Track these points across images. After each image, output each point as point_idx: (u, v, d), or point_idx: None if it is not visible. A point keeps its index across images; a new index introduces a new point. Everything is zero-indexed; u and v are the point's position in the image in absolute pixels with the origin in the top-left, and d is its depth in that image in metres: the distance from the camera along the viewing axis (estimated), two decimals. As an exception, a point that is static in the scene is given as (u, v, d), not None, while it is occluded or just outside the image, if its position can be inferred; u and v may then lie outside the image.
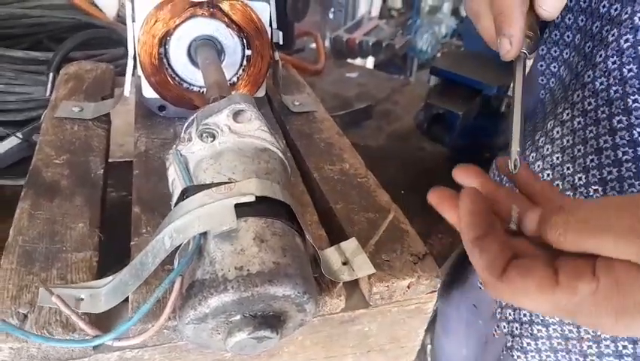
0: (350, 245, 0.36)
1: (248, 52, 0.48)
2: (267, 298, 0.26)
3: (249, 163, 0.31)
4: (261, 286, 0.25)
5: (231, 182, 0.29)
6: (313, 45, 1.13)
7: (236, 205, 0.28)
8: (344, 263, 0.35)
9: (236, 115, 0.32)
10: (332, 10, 1.75)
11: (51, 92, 0.60)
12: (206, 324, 0.27)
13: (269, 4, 0.47)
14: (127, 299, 0.33)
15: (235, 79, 0.50)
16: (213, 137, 0.31)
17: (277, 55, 0.51)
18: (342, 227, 0.40)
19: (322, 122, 0.54)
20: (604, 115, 0.36)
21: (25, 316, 0.30)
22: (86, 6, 0.77)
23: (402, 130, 0.83)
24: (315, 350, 0.37)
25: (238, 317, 0.27)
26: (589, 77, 0.37)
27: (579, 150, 0.38)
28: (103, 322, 0.31)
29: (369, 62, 1.53)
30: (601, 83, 0.36)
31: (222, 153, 0.31)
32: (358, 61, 1.27)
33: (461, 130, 0.71)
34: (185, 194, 0.29)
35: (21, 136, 0.63)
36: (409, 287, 0.35)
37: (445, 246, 0.61)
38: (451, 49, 2.15)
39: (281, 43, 0.50)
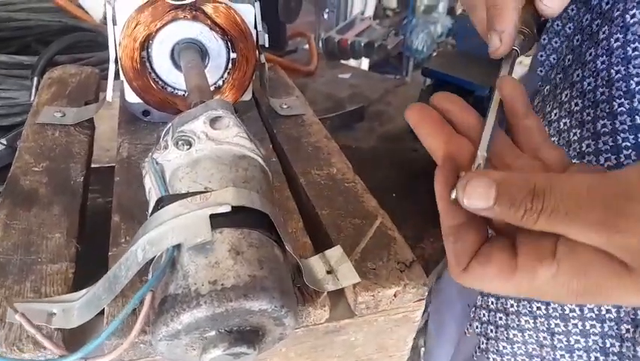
0: (335, 253, 0.35)
1: (233, 55, 0.47)
2: (243, 313, 0.25)
3: (226, 171, 0.30)
4: (235, 301, 0.24)
5: (207, 191, 0.28)
6: (306, 46, 1.12)
7: (212, 216, 0.27)
8: (328, 272, 0.34)
9: (213, 121, 0.31)
10: (326, 10, 1.75)
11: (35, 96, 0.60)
12: (180, 340, 0.26)
13: (253, 6, 0.46)
14: (102, 312, 0.32)
15: (220, 82, 0.49)
16: (189, 144, 0.30)
17: (263, 57, 0.50)
18: (328, 234, 0.39)
19: (310, 126, 0.53)
20: (589, 117, 0.35)
21: (-5, 332, 0.29)
22: (72, 8, 0.76)
23: (394, 131, 0.82)
24: (300, 362, 0.36)
25: (213, 332, 0.26)
26: (577, 76, 0.36)
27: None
28: (78, 337, 0.31)
29: (364, 63, 1.52)
30: (589, 84, 0.35)
31: (199, 160, 0.30)
32: (352, 62, 1.26)
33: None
34: (160, 204, 0.29)
35: (5, 142, 0.62)
36: (395, 296, 0.34)
37: (437, 250, 0.60)
38: (445, 48, 2.15)
39: (266, 45, 0.49)
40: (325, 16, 1.76)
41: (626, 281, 0.19)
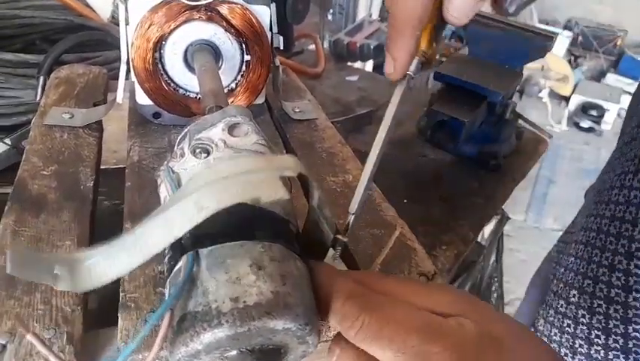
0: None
1: (247, 57, 0.46)
2: (266, 332, 0.24)
3: None
4: (258, 320, 0.23)
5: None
6: (311, 47, 1.11)
7: (232, 226, 0.26)
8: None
9: (231, 128, 0.29)
10: (330, 11, 1.73)
11: (41, 96, 0.58)
12: (199, 360, 0.24)
13: (269, 7, 0.45)
14: (111, 324, 0.31)
15: (234, 85, 0.48)
16: (207, 152, 0.29)
17: (277, 60, 0.49)
18: (347, 245, 0.38)
19: (324, 131, 0.52)
20: None
21: (4, 346, 0.27)
22: (79, 6, 0.75)
23: (404, 136, 0.81)
24: (319, 377, 0.34)
25: (234, 352, 0.24)
26: None
27: None
28: (89, 349, 0.29)
29: (369, 65, 1.52)
30: None
31: None
32: (358, 64, 1.25)
33: (466, 137, 0.69)
34: None
35: (9, 142, 0.60)
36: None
37: (449, 258, 0.59)
38: (450, 51, 2.14)
39: (281, 47, 0.48)
40: (329, 17, 1.75)
41: None
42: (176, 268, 0.26)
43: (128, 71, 0.45)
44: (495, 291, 0.89)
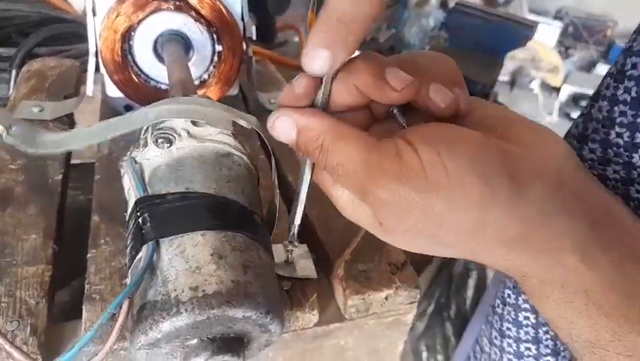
0: (299, 250, 0.34)
1: (218, 47, 0.46)
2: (226, 320, 0.24)
3: (209, 170, 0.28)
4: (217, 308, 0.23)
5: (189, 192, 0.27)
6: (297, 39, 1.10)
7: (190, 216, 0.26)
8: (286, 262, 0.33)
9: None
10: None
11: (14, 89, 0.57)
12: (160, 349, 0.24)
13: (240, -4, 0.45)
14: (80, 317, 0.31)
15: (206, 76, 0.47)
16: (170, 142, 0.28)
17: (251, 50, 0.48)
18: (317, 234, 0.37)
19: (300, 121, 0.52)
20: None
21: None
22: (54, -1, 0.74)
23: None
24: (288, 367, 0.35)
25: (194, 340, 0.24)
26: None
27: None
28: (55, 343, 0.29)
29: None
30: None
31: (180, 159, 0.28)
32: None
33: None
34: (138, 205, 0.27)
35: (-17, 137, 0.59)
36: (386, 299, 0.33)
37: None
38: (438, 41, 2.13)
39: (254, 37, 0.47)
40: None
41: (383, 234, 0.25)
42: (137, 257, 0.26)
43: (97, 63, 0.44)
44: (471, 279, 0.89)
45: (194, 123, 0.30)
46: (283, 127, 0.25)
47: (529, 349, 0.39)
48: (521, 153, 0.22)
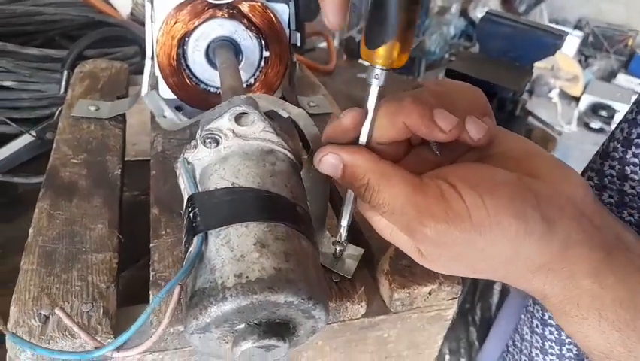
0: (353, 250, 0.36)
1: (266, 53, 0.48)
2: (269, 305, 0.25)
3: (253, 166, 0.30)
4: (260, 294, 0.24)
5: (234, 187, 0.29)
6: (323, 45, 1.13)
7: (239, 209, 0.28)
8: (334, 256, 0.35)
9: (238, 118, 0.31)
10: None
11: (65, 90, 0.60)
12: (211, 333, 0.26)
13: (288, 5, 0.47)
14: (144, 303, 0.33)
15: (252, 80, 0.50)
16: (217, 142, 0.30)
17: (295, 57, 0.51)
18: (362, 231, 0.39)
19: (338, 125, 0.54)
20: None
21: (47, 317, 0.29)
22: (99, 3, 0.77)
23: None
24: (334, 356, 0.36)
25: (242, 325, 0.26)
26: None
27: None
28: (124, 324, 0.31)
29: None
30: None
31: (227, 157, 0.30)
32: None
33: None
34: (190, 202, 0.29)
35: (34, 134, 0.63)
36: (430, 294, 0.35)
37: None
38: (459, 50, 2.14)
39: (299, 44, 0.50)
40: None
41: (422, 261, 0.27)
42: (189, 250, 0.28)
43: (152, 66, 0.47)
44: (496, 284, 0.90)
45: (238, 123, 0.31)
46: (330, 163, 0.27)
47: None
48: (550, 192, 0.25)
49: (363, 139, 0.28)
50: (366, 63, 0.28)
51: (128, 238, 0.38)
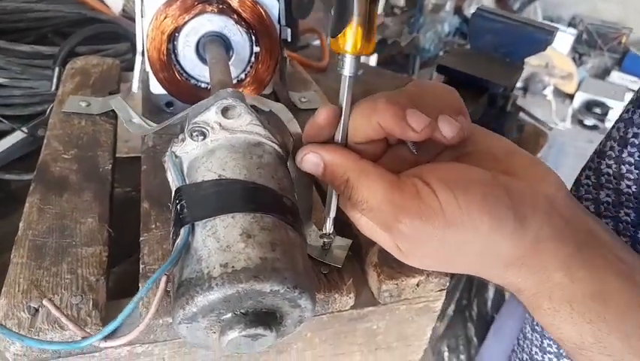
0: (341, 241, 0.37)
1: (256, 49, 0.48)
2: (255, 294, 0.26)
3: (240, 159, 0.30)
4: (246, 283, 0.25)
5: (221, 179, 0.29)
6: (316, 42, 1.13)
7: (224, 200, 0.28)
8: (322, 248, 0.36)
9: (224, 111, 0.31)
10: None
11: (57, 86, 0.60)
12: (199, 323, 0.26)
13: (278, 1, 0.47)
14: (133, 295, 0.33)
15: (243, 76, 0.50)
16: (204, 135, 0.31)
17: (285, 52, 0.51)
18: (349, 223, 0.40)
19: (329, 120, 0.54)
20: None
21: (37, 310, 0.30)
22: (91, 0, 0.77)
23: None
24: (324, 347, 0.37)
25: (229, 315, 0.26)
26: None
27: None
28: (113, 316, 0.32)
29: (372, 60, 1.54)
30: None
31: (214, 150, 0.31)
32: (363, 58, 1.26)
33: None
34: (177, 194, 0.29)
35: (26, 130, 0.63)
36: (418, 285, 0.36)
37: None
38: (453, 47, 2.15)
39: (289, 40, 0.50)
40: (333, 12, 1.76)
41: (401, 256, 0.28)
42: (177, 241, 0.28)
43: (142, 62, 0.47)
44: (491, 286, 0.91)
45: (225, 116, 0.31)
46: (311, 162, 0.29)
47: None
48: (523, 188, 0.25)
49: (339, 133, 0.28)
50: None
51: (119, 233, 0.38)
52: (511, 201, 0.25)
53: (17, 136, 0.63)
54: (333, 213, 0.32)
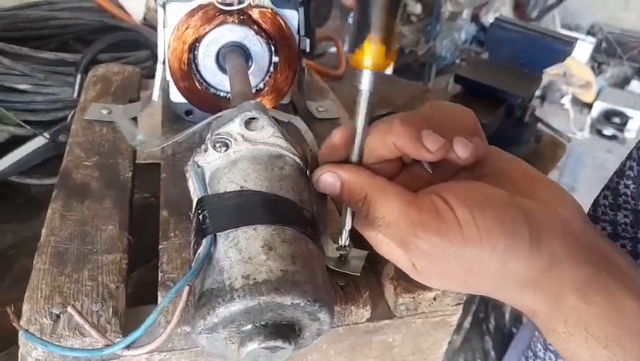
0: (358, 252, 0.36)
1: (275, 59, 0.49)
2: (276, 306, 0.26)
3: (261, 170, 0.30)
4: (267, 295, 0.25)
5: (243, 190, 0.29)
6: (332, 50, 1.13)
7: (246, 213, 0.28)
8: (340, 259, 0.36)
9: (248, 123, 0.31)
10: (351, 14, 1.75)
11: (78, 93, 0.62)
12: (218, 334, 0.27)
13: (298, 12, 0.48)
14: (152, 304, 0.33)
15: (262, 85, 0.50)
16: (227, 146, 0.31)
17: (304, 62, 0.51)
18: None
19: (346, 130, 0.54)
20: None
21: (58, 316, 0.30)
22: (112, 8, 0.78)
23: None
24: (339, 359, 0.37)
25: (249, 326, 0.26)
26: None
27: None
28: (133, 324, 0.32)
29: (389, 68, 1.53)
30: None
31: (236, 161, 0.31)
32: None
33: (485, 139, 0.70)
34: (199, 204, 0.30)
35: (48, 136, 0.64)
36: (435, 299, 0.35)
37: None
38: (470, 56, 2.14)
39: (308, 50, 0.50)
40: (350, 20, 1.77)
41: (416, 275, 0.28)
42: (198, 251, 0.28)
43: (163, 71, 0.48)
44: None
45: (248, 128, 0.32)
46: (327, 181, 0.29)
47: None
48: (539, 210, 0.25)
49: (355, 151, 0.29)
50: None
51: (137, 239, 0.39)
52: (527, 223, 0.25)
53: (39, 142, 0.65)
54: (349, 226, 0.32)
